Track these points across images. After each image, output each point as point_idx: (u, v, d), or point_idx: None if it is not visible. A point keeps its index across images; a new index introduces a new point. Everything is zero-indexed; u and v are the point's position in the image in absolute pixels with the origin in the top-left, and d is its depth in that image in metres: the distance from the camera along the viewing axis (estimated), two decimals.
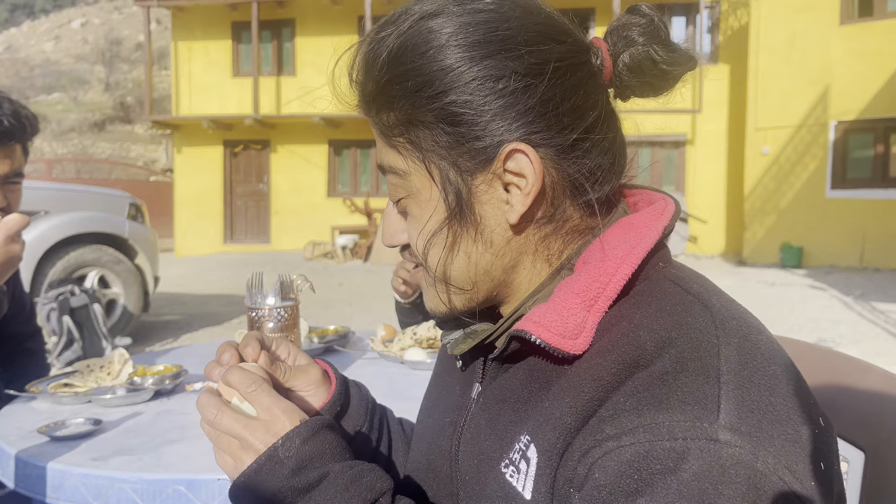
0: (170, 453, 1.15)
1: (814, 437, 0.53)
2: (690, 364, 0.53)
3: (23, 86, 41.90)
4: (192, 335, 6.51)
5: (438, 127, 0.61)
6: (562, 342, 0.59)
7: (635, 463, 0.50)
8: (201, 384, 1.52)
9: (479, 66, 0.60)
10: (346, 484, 0.61)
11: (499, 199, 0.62)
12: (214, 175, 15.59)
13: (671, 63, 0.65)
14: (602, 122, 0.63)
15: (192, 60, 15.47)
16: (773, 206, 12.58)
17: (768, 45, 12.36)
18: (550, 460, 0.56)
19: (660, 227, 0.63)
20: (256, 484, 0.62)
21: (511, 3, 0.63)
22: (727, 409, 0.51)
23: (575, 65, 0.62)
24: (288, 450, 0.62)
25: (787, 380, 0.55)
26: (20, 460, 1.16)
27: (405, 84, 0.61)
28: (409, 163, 0.64)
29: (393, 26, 0.63)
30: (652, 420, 0.51)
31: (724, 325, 0.56)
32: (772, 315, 7.20)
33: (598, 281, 0.60)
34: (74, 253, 5.37)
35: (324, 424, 0.65)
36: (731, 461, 0.48)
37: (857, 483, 0.86)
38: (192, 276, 11.41)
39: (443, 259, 0.65)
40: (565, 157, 0.62)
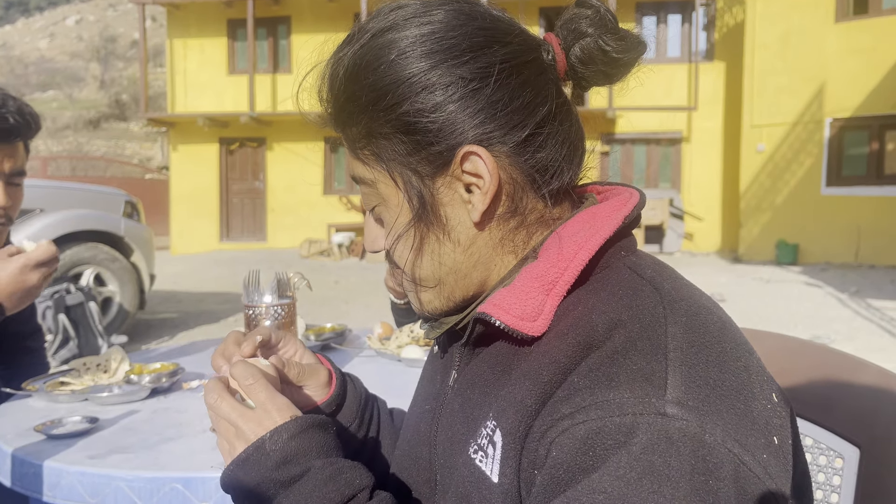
0: (167, 451, 1.15)
1: (766, 412, 0.55)
2: (639, 343, 0.55)
3: (18, 83, 41.75)
4: (188, 333, 6.50)
5: (396, 137, 0.64)
6: (521, 324, 0.61)
7: (589, 439, 0.52)
8: (198, 382, 1.52)
9: (428, 75, 0.62)
10: (326, 479, 0.63)
11: (461, 200, 0.65)
12: (210, 173, 15.55)
13: (621, 51, 0.68)
14: (553, 116, 0.65)
15: (187, 58, 15.42)
16: (768, 203, 12.61)
17: (763, 42, 12.37)
18: (514, 443, 0.58)
19: (620, 216, 0.65)
20: (244, 472, 0.64)
21: (455, 12, 0.65)
22: (674, 385, 0.52)
23: (521, 64, 0.64)
24: (275, 443, 0.64)
25: (736, 357, 0.56)
26: (17, 458, 1.16)
27: (361, 99, 0.65)
28: (376, 172, 0.67)
29: (349, 46, 0.66)
30: (603, 398, 0.53)
31: (673, 306, 0.58)
32: (767, 312, 7.23)
33: (556, 266, 0.62)
34: (70, 251, 5.35)
35: (312, 423, 0.66)
36: (678, 434, 0.50)
37: (852, 478, 0.87)
38: (188, 273, 11.40)
39: (411, 259, 0.68)
40: (520, 152, 0.64)
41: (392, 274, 0.92)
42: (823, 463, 0.90)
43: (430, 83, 0.62)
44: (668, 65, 14.40)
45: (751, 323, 6.64)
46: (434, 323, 0.73)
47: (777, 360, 0.99)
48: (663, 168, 14.65)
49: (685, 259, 12.92)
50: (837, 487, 0.88)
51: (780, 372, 0.97)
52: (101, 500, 1.07)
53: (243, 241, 15.52)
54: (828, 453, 0.90)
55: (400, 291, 1.82)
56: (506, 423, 0.59)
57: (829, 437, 0.90)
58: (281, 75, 15.19)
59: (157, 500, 1.06)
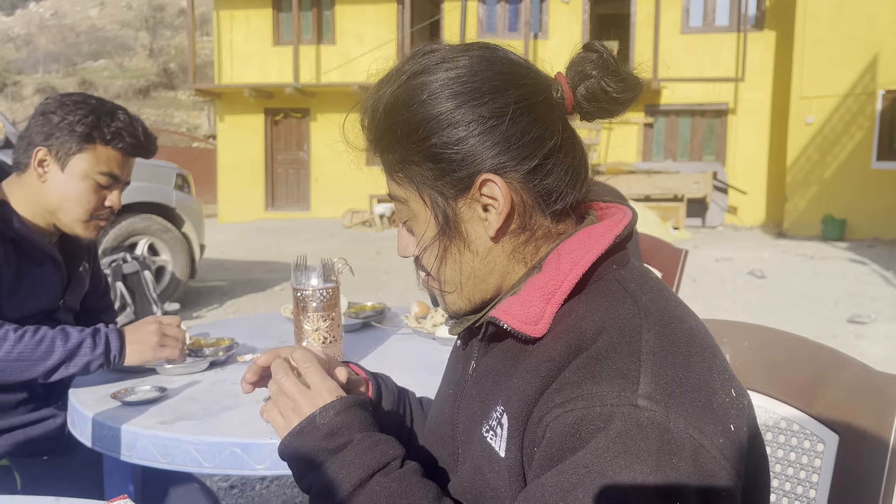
0: (226, 419, 1.29)
1: (724, 405, 0.67)
2: (618, 347, 0.68)
3: (70, 52, 42.62)
4: (235, 301, 6.75)
5: (425, 164, 0.77)
6: (524, 327, 0.74)
7: (575, 424, 0.64)
8: (251, 356, 1.67)
9: (454, 113, 0.75)
10: (366, 449, 0.76)
11: (479, 218, 0.77)
12: (256, 143, 15.84)
13: (621, 91, 0.78)
14: (559, 148, 0.77)
15: (233, 29, 15.63)
16: (816, 177, 12.35)
17: (815, 11, 12.01)
18: (518, 426, 0.71)
19: (611, 236, 0.77)
20: (298, 442, 0.78)
21: (478, 58, 0.77)
22: (645, 382, 0.64)
23: (533, 104, 0.76)
24: (323, 418, 0.77)
25: (701, 359, 0.69)
26: (97, 422, 1.32)
27: (397, 132, 0.77)
28: (408, 192, 0.80)
29: (388, 85, 0.78)
30: (588, 391, 0.65)
31: (648, 317, 0.70)
32: (808, 289, 7.17)
33: (555, 279, 0.75)
34: (126, 222, 5.60)
35: (354, 402, 0.80)
36: (647, 422, 0.62)
37: (831, 461, 0.97)
38: (234, 242, 11.71)
39: (436, 266, 0.81)
40: (530, 179, 0.76)
41: (418, 278, 0.99)
42: (807, 447, 1.01)
43: (455, 120, 0.74)
44: (716, 34, 14.07)
45: (790, 300, 6.62)
46: (457, 321, 0.86)
47: (771, 352, 1.09)
48: (708, 140, 14.42)
49: (728, 233, 12.77)
50: (818, 469, 0.99)
51: (773, 363, 1.08)
52: (171, 460, 1.22)
53: (288, 211, 15.82)
54: (811, 438, 1.00)
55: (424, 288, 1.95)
56: (511, 409, 0.72)
57: (813, 423, 1.00)
58: (325, 46, 15.30)
59: (218, 461, 1.20)
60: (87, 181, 1.57)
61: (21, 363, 1.40)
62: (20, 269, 1.56)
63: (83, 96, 1.60)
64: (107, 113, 1.57)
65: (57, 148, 1.54)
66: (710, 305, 6.35)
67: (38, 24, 49.90)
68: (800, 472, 1.01)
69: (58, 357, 1.42)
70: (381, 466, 0.75)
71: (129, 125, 1.60)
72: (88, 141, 1.55)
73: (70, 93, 1.63)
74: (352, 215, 14.03)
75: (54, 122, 1.54)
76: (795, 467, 1.02)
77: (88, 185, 1.57)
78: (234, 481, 2.92)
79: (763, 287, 7.32)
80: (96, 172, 1.57)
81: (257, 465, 1.19)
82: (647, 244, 2.48)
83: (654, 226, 10.67)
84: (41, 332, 1.43)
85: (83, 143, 1.55)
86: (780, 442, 1.04)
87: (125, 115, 1.61)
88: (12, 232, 1.53)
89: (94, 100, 1.59)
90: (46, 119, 1.55)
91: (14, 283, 1.54)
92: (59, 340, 1.43)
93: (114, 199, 1.63)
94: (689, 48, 14.08)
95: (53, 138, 1.54)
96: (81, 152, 1.55)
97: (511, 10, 14.96)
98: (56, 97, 1.60)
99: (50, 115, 1.55)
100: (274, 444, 1.19)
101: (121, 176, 1.63)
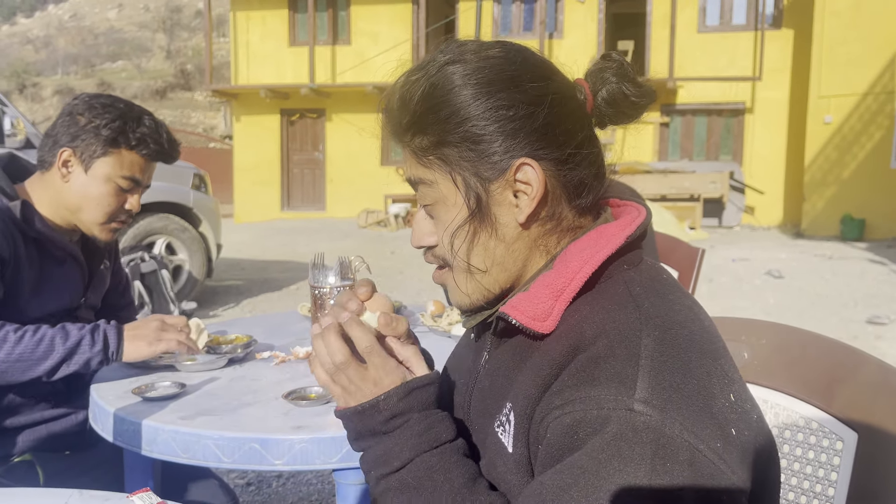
0: (245, 415, 1.31)
1: (724, 409, 0.67)
2: (617, 350, 0.68)
3: (89, 54, 43.06)
4: (252, 300, 6.80)
5: (464, 145, 0.77)
6: (532, 323, 0.76)
7: (573, 426, 0.66)
8: (269, 353, 1.69)
9: (494, 98, 0.76)
10: (421, 431, 0.78)
11: (510, 203, 0.78)
12: (272, 143, 15.93)
13: (639, 96, 0.81)
14: (588, 141, 0.80)
15: (249, 30, 15.73)
16: (834, 176, 12.24)
17: (834, 9, 11.91)
18: (523, 423, 0.73)
19: (623, 236, 0.78)
20: (358, 419, 0.81)
21: (514, 50, 0.80)
22: (642, 386, 0.65)
23: (566, 96, 0.79)
24: (387, 403, 0.79)
25: (699, 365, 0.69)
26: (118, 417, 1.34)
27: (438, 114, 0.78)
28: (437, 175, 0.80)
29: (422, 71, 0.79)
30: (586, 394, 0.66)
31: (648, 321, 0.71)
32: (826, 289, 7.11)
33: (564, 277, 0.76)
34: (144, 221, 5.65)
35: (417, 385, 0.81)
36: (642, 426, 0.63)
37: (850, 460, 0.97)
38: (251, 241, 11.79)
39: (465, 249, 0.81)
40: (562, 167, 0.78)
41: (435, 271, 0.96)
42: (826, 445, 1.01)
43: (495, 104, 0.76)
44: (733, 33, 13.98)
45: (808, 301, 6.57)
46: (470, 316, 0.88)
47: (790, 351, 1.09)
48: (724, 140, 14.32)
49: (745, 233, 12.68)
50: (837, 467, 0.99)
51: (791, 361, 1.07)
52: (191, 455, 1.24)
53: (303, 211, 15.91)
54: (830, 436, 1.00)
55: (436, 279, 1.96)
56: (517, 407, 0.74)
57: (832, 421, 1.00)
58: (340, 47, 15.37)
59: (238, 456, 1.22)
60: (110, 184, 1.59)
61: (22, 363, 1.41)
62: (43, 267, 1.58)
63: (112, 99, 1.62)
64: (133, 118, 1.60)
65: (82, 150, 1.57)
66: (727, 306, 6.31)
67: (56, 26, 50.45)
68: (818, 471, 1.01)
69: (58, 356, 1.43)
70: (430, 448, 0.78)
71: (155, 131, 1.62)
72: (114, 145, 1.57)
73: (99, 94, 1.65)
74: (367, 215, 14.08)
75: (81, 123, 1.56)
76: (814, 465, 1.02)
77: (110, 187, 1.60)
78: (250, 478, 2.94)
79: (781, 287, 7.26)
80: (119, 176, 1.59)
81: (276, 460, 1.21)
82: (663, 243, 2.47)
83: (671, 226, 10.62)
84: (41, 331, 1.44)
85: (108, 146, 1.57)
86: (798, 440, 1.04)
87: (151, 120, 1.63)
88: (34, 231, 1.55)
89: (122, 104, 1.61)
90: (73, 120, 1.57)
91: (37, 282, 1.56)
92: (58, 339, 1.44)
93: (133, 202, 1.65)
94: (705, 47, 14.00)
95: (79, 140, 1.56)
96: (106, 156, 1.58)
97: (526, 9, 14.95)
98: (84, 98, 1.62)
99: (78, 116, 1.57)
100: (292, 440, 1.20)
101: (142, 180, 1.65)
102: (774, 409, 1.07)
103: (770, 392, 1.08)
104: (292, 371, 1.56)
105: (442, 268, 0.86)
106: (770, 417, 1.07)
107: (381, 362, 0.81)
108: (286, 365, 1.61)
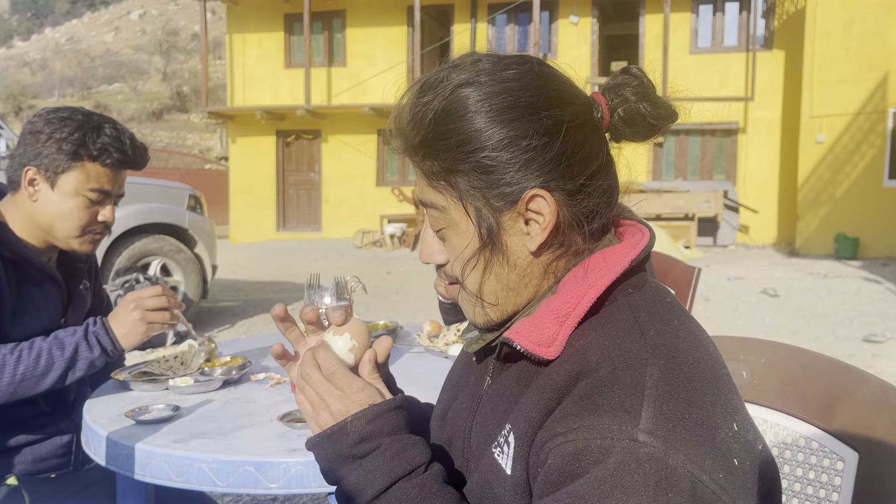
0: (240, 437, 1.29)
1: (727, 439, 0.66)
2: (622, 378, 0.67)
3: (85, 76, 43.23)
4: (247, 322, 6.77)
5: (474, 174, 0.75)
6: (537, 349, 0.74)
7: (575, 454, 0.64)
8: (264, 375, 1.68)
9: (508, 127, 0.73)
10: (393, 455, 0.77)
11: (521, 232, 0.77)
12: (268, 164, 15.96)
13: (657, 118, 0.79)
14: (602, 170, 0.77)
15: (246, 52, 15.83)
16: (827, 195, 12.30)
17: (825, 30, 12.04)
18: (524, 446, 0.72)
19: (627, 260, 0.77)
20: (328, 444, 0.79)
21: (531, 73, 0.76)
22: (647, 417, 0.64)
23: (582, 123, 0.76)
24: (355, 426, 0.78)
25: (703, 394, 0.68)
26: (111, 441, 1.32)
27: (448, 141, 0.75)
28: (449, 201, 0.78)
29: (434, 92, 0.76)
30: (589, 422, 0.65)
31: (654, 350, 0.69)
32: (822, 308, 7.11)
33: (570, 302, 0.75)
34: (139, 242, 5.63)
35: (388, 408, 0.80)
36: (645, 457, 0.62)
37: (851, 480, 0.96)
38: (246, 263, 11.76)
39: (477, 280, 0.80)
40: (573, 198, 0.76)
41: (446, 287, 0.97)
42: (827, 465, 1.00)
43: (509, 134, 0.73)
44: (725, 54, 14.13)
45: (804, 319, 6.57)
46: (473, 339, 0.86)
47: (789, 370, 1.08)
48: (718, 159, 14.41)
49: (739, 252, 12.71)
50: (838, 487, 0.98)
51: (792, 381, 1.07)
52: (185, 478, 1.22)
53: (299, 231, 15.90)
54: (831, 456, 0.99)
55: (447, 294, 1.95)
56: (518, 429, 0.73)
57: (833, 441, 0.99)
58: (336, 69, 15.47)
59: (232, 480, 1.20)
60: (78, 198, 1.56)
61: (28, 381, 1.42)
62: (21, 289, 1.56)
63: (70, 111, 1.58)
64: (93, 129, 1.56)
65: (46, 166, 1.54)
66: (723, 325, 6.30)
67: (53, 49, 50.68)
68: (819, 491, 1.00)
69: (60, 367, 1.45)
70: (405, 473, 0.76)
71: (117, 139, 1.58)
72: (76, 158, 1.54)
73: (58, 107, 1.61)
74: (363, 235, 14.08)
75: (42, 140, 1.54)
76: (815, 486, 1.01)
77: (79, 202, 1.57)
78: (245, 502, 2.90)
79: (776, 306, 7.26)
80: (86, 189, 1.56)
81: (271, 483, 1.19)
82: (659, 263, 2.47)
83: (666, 245, 10.64)
84: (36, 346, 1.44)
85: (71, 160, 1.54)
86: (799, 460, 1.03)
87: (112, 128, 1.59)
88: (10, 252, 1.53)
89: (80, 115, 1.57)
90: (35, 138, 1.54)
91: (16, 304, 1.54)
92: (55, 351, 1.45)
93: (107, 213, 1.62)
94: (698, 68, 14.13)
95: (42, 157, 1.54)
96: (70, 170, 1.55)
97: (521, 31, 15.08)
98: (43, 114, 1.58)
99: (37, 133, 1.54)
100: (287, 463, 1.18)
101: (112, 191, 1.61)
102: (774, 429, 1.06)
103: (770, 412, 1.07)
104: (287, 393, 1.54)
105: (454, 283, 0.84)
106: (770, 437, 1.07)
107: (345, 383, 0.81)
108: (281, 387, 1.59)
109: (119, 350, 1.51)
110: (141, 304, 1.53)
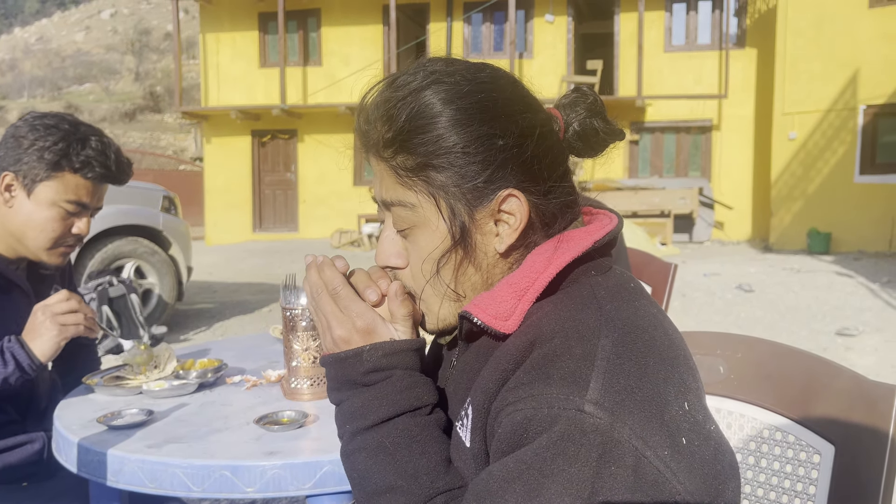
0: (215, 441, 1.27)
1: (677, 417, 0.66)
2: (574, 348, 0.68)
3: (55, 77, 42.60)
4: (223, 324, 6.70)
5: (451, 170, 0.76)
6: (495, 322, 0.76)
7: (523, 423, 0.65)
8: (240, 377, 1.65)
9: (487, 125, 0.75)
10: (403, 388, 0.79)
11: (490, 232, 0.78)
12: (243, 164, 15.83)
13: (607, 133, 0.83)
14: (565, 174, 0.81)
15: (220, 52, 15.68)
16: (800, 191, 12.48)
17: (796, 28, 12.21)
18: (480, 417, 0.73)
19: (589, 241, 0.78)
20: (340, 366, 0.81)
21: (504, 77, 0.80)
22: (595, 388, 0.64)
23: (551, 130, 0.79)
24: (371, 355, 0.79)
25: (656, 371, 0.68)
26: (82, 447, 1.29)
27: (425, 135, 0.75)
28: (422, 198, 0.78)
29: (409, 87, 0.77)
30: (539, 391, 0.66)
31: (609, 323, 0.70)
32: (795, 302, 7.20)
33: (528, 277, 0.76)
34: (112, 245, 5.55)
35: (406, 347, 0.81)
36: (590, 427, 0.63)
37: (827, 472, 0.97)
38: (222, 264, 11.65)
39: (448, 276, 0.80)
40: (542, 199, 0.78)
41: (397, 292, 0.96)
42: (803, 458, 1.00)
43: (486, 132, 0.75)
44: (698, 52, 14.27)
45: (777, 313, 6.65)
46: (439, 337, 0.89)
47: (765, 364, 1.09)
48: (693, 156, 14.55)
49: (715, 248, 12.84)
50: (815, 480, 0.98)
51: (767, 375, 1.07)
52: (159, 484, 1.20)
53: (276, 232, 15.80)
54: (807, 449, 1.00)
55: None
56: (476, 401, 0.74)
57: (809, 434, 1.00)
58: (311, 68, 15.38)
59: (208, 485, 1.18)
60: (54, 209, 1.53)
61: None
62: None
63: (57, 119, 1.54)
64: (78, 140, 1.52)
65: (24, 173, 1.50)
66: (699, 320, 6.36)
67: (23, 49, 49.86)
68: (797, 484, 1.01)
69: None
70: (411, 409, 0.78)
71: (101, 153, 1.55)
72: (57, 168, 1.51)
73: (45, 114, 1.57)
74: (340, 235, 14.03)
75: (24, 146, 1.50)
76: (792, 479, 1.01)
77: (55, 212, 1.53)
78: None
79: (751, 301, 7.35)
80: (63, 200, 1.53)
81: (248, 487, 1.17)
82: (636, 259, 2.48)
83: (642, 242, 10.72)
84: None
85: (51, 170, 1.50)
86: (776, 454, 1.04)
87: (98, 141, 1.55)
88: None
89: (67, 124, 1.54)
90: (17, 143, 1.51)
91: None
92: None
93: (82, 226, 1.59)
94: (672, 66, 14.26)
95: (22, 163, 1.50)
96: (49, 179, 1.51)
97: (496, 30, 15.10)
98: (28, 119, 1.55)
99: (20, 138, 1.51)
100: (264, 467, 1.17)
101: (90, 204, 1.58)
102: (751, 423, 1.07)
103: (746, 406, 1.08)
104: (264, 395, 1.52)
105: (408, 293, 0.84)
106: (746, 431, 1.07)
107: (347, 303, 0.82)
108: (258, 389, 1.57)
109: (37, 364, 1.45)
110: (49, 311, 1.48)
